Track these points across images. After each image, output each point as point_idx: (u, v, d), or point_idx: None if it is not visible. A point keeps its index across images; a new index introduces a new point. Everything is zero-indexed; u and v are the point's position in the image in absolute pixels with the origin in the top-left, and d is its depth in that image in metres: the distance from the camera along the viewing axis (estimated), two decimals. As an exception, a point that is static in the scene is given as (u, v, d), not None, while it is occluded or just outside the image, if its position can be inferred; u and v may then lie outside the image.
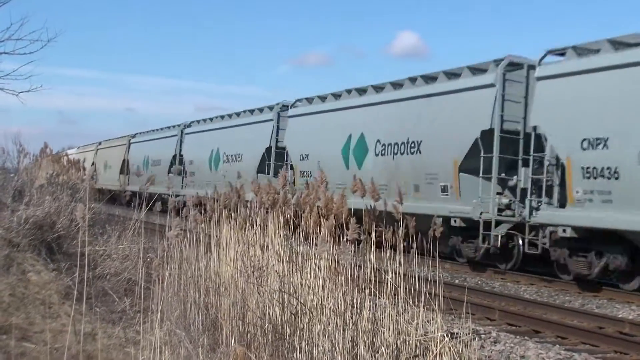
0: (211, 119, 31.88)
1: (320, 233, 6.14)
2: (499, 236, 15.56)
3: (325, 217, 6.22)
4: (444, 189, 16.94)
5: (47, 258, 9.45)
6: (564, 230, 13.88)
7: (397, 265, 6.25)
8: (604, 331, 9.79)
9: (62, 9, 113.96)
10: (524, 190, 15.52)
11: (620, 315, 11.40)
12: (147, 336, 5.86)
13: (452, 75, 17.55)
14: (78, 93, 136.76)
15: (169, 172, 33.30)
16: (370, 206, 6.36)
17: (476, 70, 16.77)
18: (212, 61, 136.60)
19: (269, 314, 6.24)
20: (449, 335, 5.76)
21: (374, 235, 6.32)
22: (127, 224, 11.57)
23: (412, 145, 17.98)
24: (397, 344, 5.84)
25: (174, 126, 35.99)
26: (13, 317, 7.29)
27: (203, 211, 8.44)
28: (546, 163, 14.67)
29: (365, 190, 6.32)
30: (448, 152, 16.77)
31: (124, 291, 8.76)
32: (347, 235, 6.00)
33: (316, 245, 6.25)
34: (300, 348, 5.69)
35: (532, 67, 15.43)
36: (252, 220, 7.55)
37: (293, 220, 7.06)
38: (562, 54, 14.67)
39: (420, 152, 17.68)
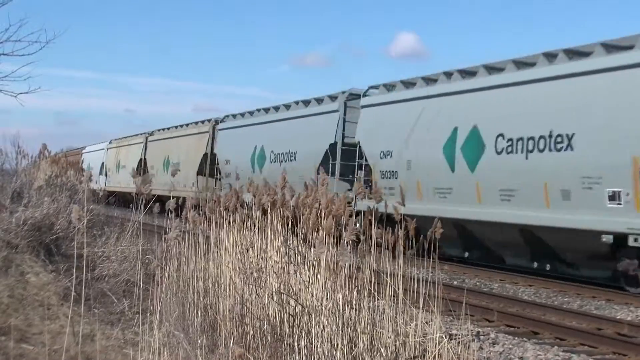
0: (251, 113, 27.99)
1: (319, 234, 6.15)
2: None
3: (326, 219, 6.23)
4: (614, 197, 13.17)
5: (46, 259, 9.44)
6: None
7: (396, 267, 6.26)
8: (603, 332, 9.79)
9: (61, 11, 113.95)
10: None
11: (618, 317, 11.40)
12: (146, 337, 5.86)
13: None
14: (77, 94, 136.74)
15: (199, 173, 30.10)
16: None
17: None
18: (211, 62, 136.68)
19: (267, 315, 6.25)
20: (448, 337, 5.76)
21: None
22: (125, 225, 11.57)
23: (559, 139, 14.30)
24: (395, 345, 5.84)
25: (202, 122, 32.94)
26: (12, 318, 7.29)
27: (202, 212, 8.45)
28: None
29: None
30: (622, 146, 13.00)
31: (123, 292, 8.76)
32: (344, 236, 6.00)
33: (314, 246, 6.26)
34: (299, 349, 5.69)
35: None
36: (251, 221, 7.56)
37: (292, 222, 7.06)
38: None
39: (572, 149, 13.99)
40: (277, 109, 26.26)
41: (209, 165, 29.86)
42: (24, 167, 16.94)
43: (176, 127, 36.15)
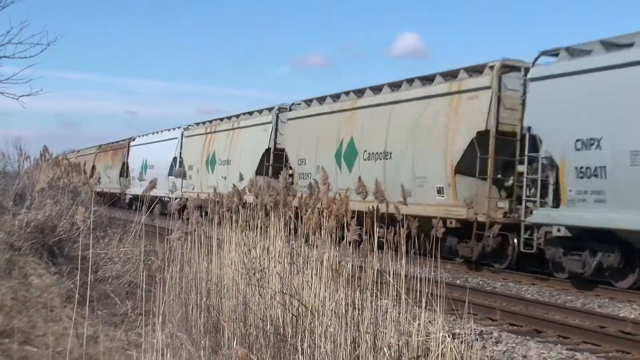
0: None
1: (321, 234, 6.15)
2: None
3: (327, 219, 6.23)
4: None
5: (49, 261, 9.45)
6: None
7: (399, 266, 6.26)
8: (606, 330, 9.79)
9: (63, 13, 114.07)
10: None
11: (621, 315, 11.40)
12: (149, 339, 5.87)
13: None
14: (78, 96, 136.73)
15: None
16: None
17: None
18: (212, 63, 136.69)
19: (270, 315, 6.25)
20: (451, 336, 5.76)
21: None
22: (128, 226, 11.58)
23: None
24: (399, 345, 5.84)
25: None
26: (15, 320, 7.29)
27: (204, 214, 8.45)
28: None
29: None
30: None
31: (126, 294, 8.77)
32: (347, 236, 6.00)
33: (317, 246, 6.26)
34: (302, 349, 5.70)
35: None
36: (254, 221, 7.56)
37: (294, 222, 7.06)
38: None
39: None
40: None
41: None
42: (26, 170, 16.94)
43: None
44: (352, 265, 6.11)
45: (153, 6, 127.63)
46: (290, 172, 22.67)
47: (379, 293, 6.22)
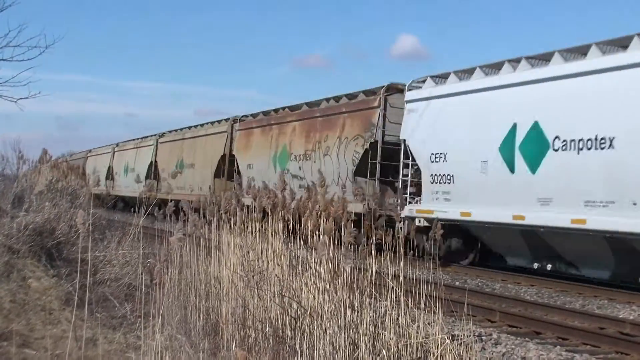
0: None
1: (320, 236, 6.15)
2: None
3: (325, 221, 6.23)
4: None
5: (47, 264, 9.45)
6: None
7: (397, 268, 6.26)
8: (605, 332, 9.79)
9: (61, 16, 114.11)
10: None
11: (621, 316, 11.40)
12: (148, 341, 5.86)
13: None
14: (77, 99, 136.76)
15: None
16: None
17: None
18: (211, 64, 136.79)
19: (269, 317, 6.25)
20: (450, 338, 5.76)
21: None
22: (126, 229, 11.58)
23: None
24: (398, 346, 5.84)
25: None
26: (14, 323, 7.28)
27: (202, 216, 8.45)
28: None
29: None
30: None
31: (125, 296, 8.76)
32: (345, 238, 6.00)
33: (316, 248, 6.26)
34: (301, 351, 5.69)
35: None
36: (252, 224, 7.56)
37: (292, 224, 7.07)
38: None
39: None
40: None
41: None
42: (24, 172, 16.94)
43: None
44: (351, 267, 6.11)
45: (151, 8, 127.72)
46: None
47: (377, 295, 6.23)
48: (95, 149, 50.21)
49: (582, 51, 14.11)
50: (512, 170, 15.06)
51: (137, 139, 41.25)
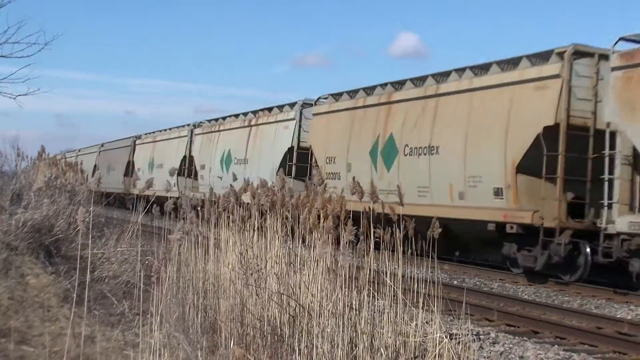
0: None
1: (319, 235, 6.15)
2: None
3: (324, 219, 6.23)
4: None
5: (46, 261, 9.44)
6: None
7: (396, 267, 6.26)
8: (603, 331, 9.80)
9: (60, 12, 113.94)
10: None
11: (618, 316, 11.42)
12: (146, 339, 5.86)
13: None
14: (76, 96, 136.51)
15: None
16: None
17: None
18: (211, 63, 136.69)
19: (267, 315, 6.25)
20: (448, 337, 5.77)
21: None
22: (125, 226, 11.57)
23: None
24: (396, 345, 5.84)
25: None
26: (12, 320, 7.28)
27: (201, 214, 8.45)
28: None
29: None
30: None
31: (123, 294, 8.76)
32: (344, 236, 6.00)
33: (314, 247, 6.26)
34: (300, 350, 5.69)
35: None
36: (250, 222, 7.56)
37: (291, 222, 7.07)
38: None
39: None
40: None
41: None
42: (23, 169, 16.93)
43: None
44: (350, 266, 6.11)
45: (151, 5, 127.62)
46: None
47: (376, 293, 6.23)
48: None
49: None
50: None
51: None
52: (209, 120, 32.00)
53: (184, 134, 33.07)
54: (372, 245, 6.29)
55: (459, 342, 5.86)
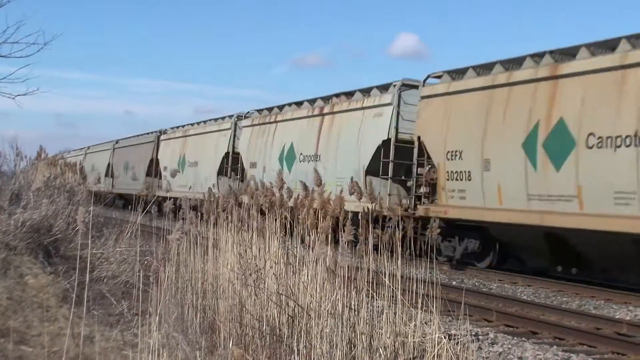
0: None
1: (318, 235, 6.15)
2: None
3: (323, 219, 6.24)
4: None
5: (45, 261, 9.43)
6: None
7: (395, 267, 6.26)
8: (602, 332, 9.80)
9: (59, 12, 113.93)
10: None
11: (617, 316, 11.42)
12: (145, 339, 5.86)
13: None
14: (76, 96, 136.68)
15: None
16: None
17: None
18: (210, 63, 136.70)
19: (266, 316, 6.25)
20: (447, 337, 5.77)
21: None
22: (124, 227, 11.57)
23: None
24: (394, 345, 5.84)
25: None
26: (11, 320, 7.28)
27: (200, 214, 8.45)
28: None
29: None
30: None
31: (122, 294, 8.76)
32: (343, 237, 6.01)
33: (313, 247, 6.27)
34: (298, 350, 5.70)
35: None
36: (249, 222, 7.56)
37: (290, 222, 7.07)
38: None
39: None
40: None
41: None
42: (22, 169, 16.92)
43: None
44: (348, 266, 6.12)
45: (151, 5, 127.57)
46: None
47: (374, 294, 6.23)
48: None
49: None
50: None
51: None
52: (259, 110, 27.27)
53: (226, 127, 28.89)
54: (370, 245, 6.29)
55: (458, 342, 5.86)
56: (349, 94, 21.81)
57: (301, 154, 22.61)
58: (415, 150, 18.35)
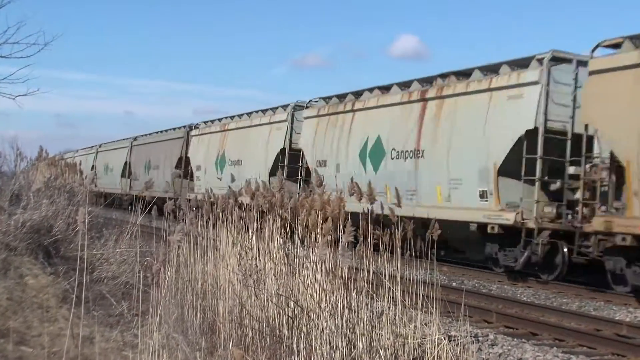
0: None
1: (318, 236, 6.15)
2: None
3: (324, 220, 6.23)
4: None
5: (45, 262, 9.43)
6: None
7: (395, 268, 6.26)
8: (602, 333, 9.80)
9: (60, 12, 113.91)
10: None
11: (617, 318, 11.42)
12: (145, 340, 5.86)
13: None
14: (76, 96, 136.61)
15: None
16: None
17: None
18: (210, 64, 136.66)
19: (266, 317, 6.25)
20: (447, 338, 5.77)
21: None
22: (124, 227, 11.57)
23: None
24: (394, 347, 5.84)
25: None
26: (11, 320, 7.28)
27: (200, 215, 8.45)
28: None
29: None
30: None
31: (122, 295, 8.76)
32: (343, 238, 6.01)
33: (313, 248, 6.26)
34: (298, 351, 5.70)
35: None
36: (249, 223, 7.55)
37: (290, 223, 7.06)
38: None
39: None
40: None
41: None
42: (22, 170, 16.91)
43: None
44: (348, 267, 6.12)
45: (151, 5, 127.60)
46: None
47: (375, 295, 6.23)
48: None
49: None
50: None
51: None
52: (326, 98, 22.18)
53: (281, 119, 23.90)
54: (370, 247, 6.29)
55: (458, 343, 5.86)
56: (460, 74, 17.28)
57: (393, 149, 18.18)
58: (587, 141, 13.82)
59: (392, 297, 6.17)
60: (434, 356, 5.64)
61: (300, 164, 22.42)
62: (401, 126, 17.96)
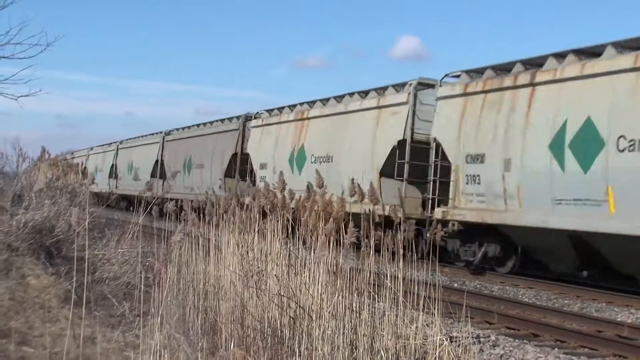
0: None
1: (319, 236, 6.15)
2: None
3: (325, 221, 6.23)
4: None
5: (46, 262, 9.44)
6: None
7: (396, 269, 6.26)
8: (603, 335, 9.79)
9: (61, 14, 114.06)
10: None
11: (619, 319, 11.41)
12: (147, 340, 5.86)
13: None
14: (77, 97, 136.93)
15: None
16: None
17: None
18: (210, 64, 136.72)
19: (268, 317, 6.25)
20: (448, 339, 5.77)
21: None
22: (125, 228, 11.58)
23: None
24: (396, 348, 5.84)
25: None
26: (12, 321, 7.28)
27: (202, 215, 8.45)
28: None
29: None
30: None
31: (123, 295, 8.76)
32: (345, 239, 6.01)
33: (314, 249, 6.27)
34: (300, 352, 5.70)
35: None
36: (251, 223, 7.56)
37: (292, 224, 7.07)
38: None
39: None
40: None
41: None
42: (24, 170, 16.93)
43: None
44: (350, 268, 6.12)
45: (151, 6, 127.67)
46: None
47: (376, 296, 6.23)
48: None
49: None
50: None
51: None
52: (469, 72, 17.26)
53: (399, 100, 18.95)
54: (372, 248, 6.29)
55: (459, 344, 5.87)
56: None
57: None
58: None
59: (394, 298, 6.17)
60: (435, 357, 5.64)
61: (436, 159, 17.71)
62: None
